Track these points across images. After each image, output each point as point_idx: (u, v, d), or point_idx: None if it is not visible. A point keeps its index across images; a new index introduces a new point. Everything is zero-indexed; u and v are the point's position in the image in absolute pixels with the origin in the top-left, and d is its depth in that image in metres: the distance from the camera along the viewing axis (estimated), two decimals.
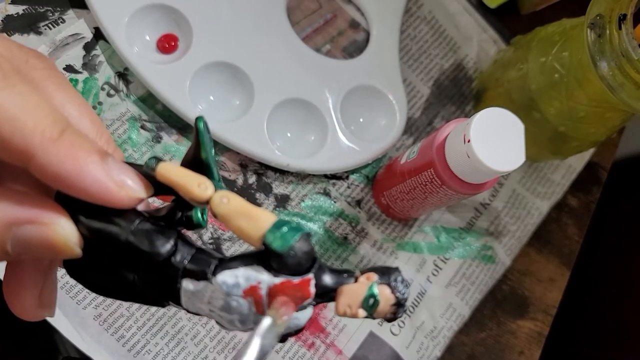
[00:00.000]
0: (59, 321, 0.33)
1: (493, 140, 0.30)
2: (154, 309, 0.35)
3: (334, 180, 0.42)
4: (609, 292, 0.66)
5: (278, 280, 0.16)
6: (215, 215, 0.16)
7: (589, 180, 0.50)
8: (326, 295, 0.17)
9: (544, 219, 0.47)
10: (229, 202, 0.16)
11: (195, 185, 0.16)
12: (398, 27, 0.45)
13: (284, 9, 0.43)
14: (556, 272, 0.47)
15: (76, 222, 0.16)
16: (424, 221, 0.44)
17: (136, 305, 0.35)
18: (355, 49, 0.45)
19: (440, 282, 0.43)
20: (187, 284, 0.17)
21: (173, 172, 0.17)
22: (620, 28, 0.31)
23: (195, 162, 0.17)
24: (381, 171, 0.42)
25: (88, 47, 0.38)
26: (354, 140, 0.41)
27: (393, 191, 0.38)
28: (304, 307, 0.17)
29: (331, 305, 0.39)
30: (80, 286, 0.34)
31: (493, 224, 0.46)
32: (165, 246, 0.17)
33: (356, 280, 0.17)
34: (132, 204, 0.17)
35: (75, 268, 0.18)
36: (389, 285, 0.17)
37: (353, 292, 0.17)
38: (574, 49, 0.36)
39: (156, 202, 0.34)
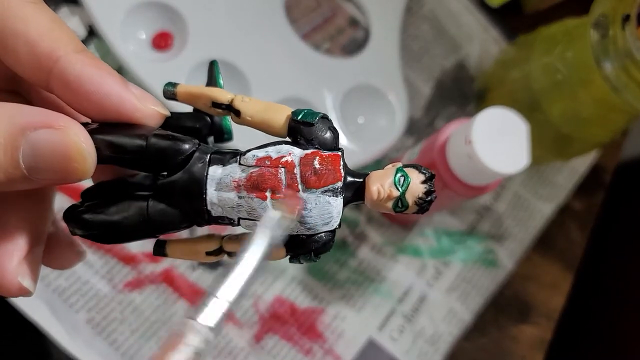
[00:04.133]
0: (51, 325, 0.32)
1: (495, 141, 0.29)
2: (147, 312, 0.35)
3: None
4: (613, 297, 0.65)
5: (309, 150, 0.17)
6: (238, 115, 0.17)
7: (593, 183, 0.49)
8: (354, 189, 0.17)
9: (547, 223, 0.47)
10: (250, 100, 0.18)
11: (217, 91, 0.18)
12: (398, 24, 0.44)
13: (282, 7, 0.42)
14: (559, 276, 0.46)
15: (93, 139, 0.16)
16: (424, 224, 0.43)
17: (129, 308, 0.34)
18: (354, 47, 0.44)
19: (441, 286, 0.42)
20: (215, 170, 0.17)
21: (194, 87, 0.18)
22: (623, 28, 0.31)
23: None
24: None
25: None
26: (353, 140, 0.40)
27: None
28: (336, 194, 0.17)
29: (330, 310, 0.38)
30: (73, 289, 0.34)
31: (495, 227, 0.45)
32: (189, 142, 0.17)
33: None
34: (153, 117, 0.17)
35: (77, 212, 0.18)
36: (414, 167, 0.17)
37: (383, 174, 0.17)
38: (578, 49, 0.36)
39: None
